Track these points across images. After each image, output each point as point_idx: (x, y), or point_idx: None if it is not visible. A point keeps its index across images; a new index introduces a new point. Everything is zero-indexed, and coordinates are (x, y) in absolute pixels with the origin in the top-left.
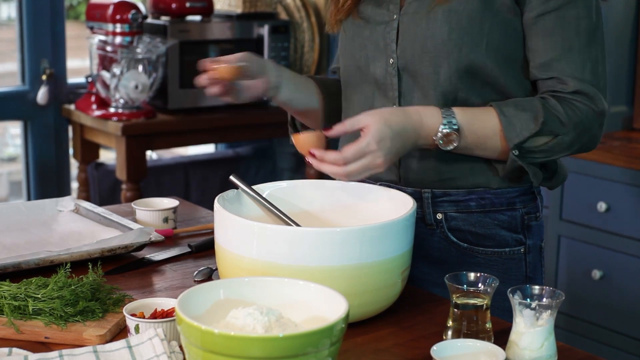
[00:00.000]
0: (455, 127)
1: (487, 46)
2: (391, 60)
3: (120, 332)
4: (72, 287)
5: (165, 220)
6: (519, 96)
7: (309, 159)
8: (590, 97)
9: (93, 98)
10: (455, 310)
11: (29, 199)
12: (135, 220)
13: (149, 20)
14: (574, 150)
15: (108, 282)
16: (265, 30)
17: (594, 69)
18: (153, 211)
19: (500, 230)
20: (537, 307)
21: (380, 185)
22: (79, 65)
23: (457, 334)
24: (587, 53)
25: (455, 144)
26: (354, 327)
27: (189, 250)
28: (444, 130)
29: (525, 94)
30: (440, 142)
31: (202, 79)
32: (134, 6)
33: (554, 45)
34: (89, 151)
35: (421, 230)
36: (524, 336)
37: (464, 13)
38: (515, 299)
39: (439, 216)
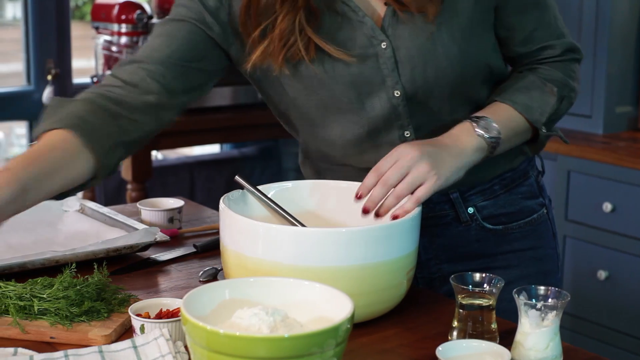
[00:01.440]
0: (483, 117)
1: (486, 45)
2: (397, 93)
3: (126, 332)
4: (78, 287)
5: (171, 220)
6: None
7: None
8: (574, 50)
9: None
10: (461, 310)
11: None
12: (140, 221)
13: (154, 20)
14: (573, 104)
15: (113, 282)
16: None
17: (562, 22)
18: (158, 211)
19: (525, 201)
20: (542, 308)
21: None
22: (84, 65)
23: (463, 335)
24: (553, 10)
25: (494, 126)
26: (359, 328)
27: (194, 250)
28: (479, 124)
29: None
30: (482, 131)
31: None
32: (139, 6)
33: (531, 16)
34: None
35: (457, 230)
36: (529, 337)
37: (463, 20)
38: (521, 300)
39: (471, 210)
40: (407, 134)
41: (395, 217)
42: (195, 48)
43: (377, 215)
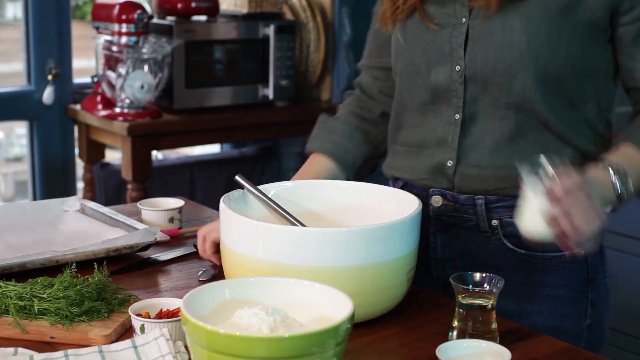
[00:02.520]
0: (623, 170)
1: (565, 57)
2: (457, 67)
3: (126, 332)
4: (78, 287)
5: (171, 220)
6: (593, 107)
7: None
8: None
9: (99, 98)
10: (461, 310)
11: (34, 198)
12: (140, 220)
13: (155, 20)
14: None
15: (113, 282)
16: (270, 31)
17: None
18: (158, 211)
19: None
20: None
21: (432, 191)
22: (84, 65)
23: (463, 335)
24: None
25: (630, 181)
26: (360, 327)
27: (195, 250)
28: (615, 174)
29: (602, 103)
30: (618, 182)
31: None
32: (139, 6)
33: None
34: (94, 151)
35: (476, 238)
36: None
37: (542, 23)
38: (525, 168)
39: (494, 222)
40: (458, 116)
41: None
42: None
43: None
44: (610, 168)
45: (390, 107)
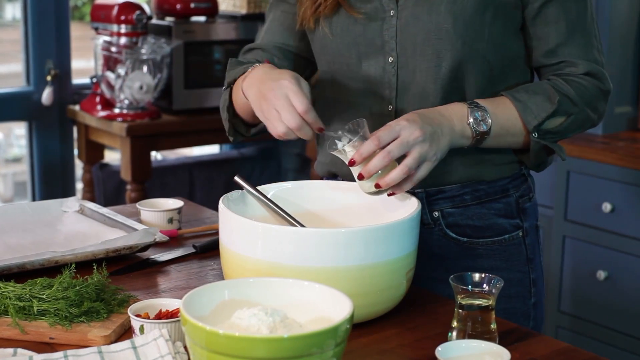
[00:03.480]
0: (483, 107)
1: (488, 37)
2: (390, 59)
3: (125, 332)
4: (77, 288)
5: (170, 220)
6: (515, 86)
7: (355, 170)
8: (598, 77)
9: (98, 99)
10: (460, 310)
11: (33, 199)
12: (140, 221)
13: (154, 20)
14: (584, 128)
15: (113, 282)
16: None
17: (598, 49)
18: (158, 212)
19: (498, 218)
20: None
21: None
22: (83, 66)
23: (462, 335)
24: (590, 34)
25: (489, 121)
26: (359, 328)
27: (194, 250)
28: (474, 113)
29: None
30: (473, 120)
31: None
32: (138, 7)
33: (559, 31)
34: (93, 152)
35: (420, 231)
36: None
37: (467, 3)
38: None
39: (436, 214)
40: (391, 107)
41: (392, 194)
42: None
43: (377, 186)
44: (467, 105)
45: None
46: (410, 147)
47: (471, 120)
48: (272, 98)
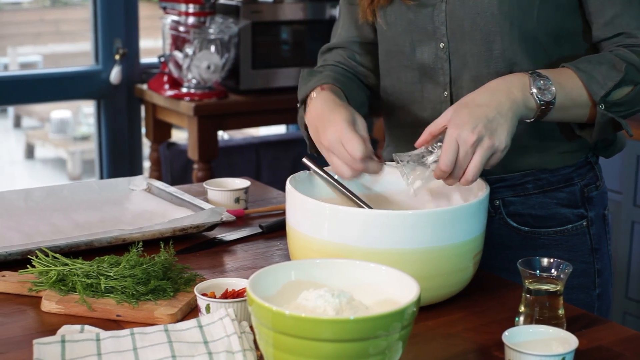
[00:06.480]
0: (545, 76)
1: (538, 18)
2: (442, 45)
3: (191, 311)
4: (144, 266)
5: (237, 200)
6: None
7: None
8: None
9: (165, 78)
10: (528, 295)
11: (101, 177)
12: (206, 200)
13: (222, 0)
14: None
15: (179, 261)
16: (337, 11)
17: None
18: (225, 191)
19: (561, 208)
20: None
21: None
22: (151, 45)
23: (529, 320)
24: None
25: (552, 89)
26: (425, 311)
27: (260, 230)
28: (537, 82)
29: None
30: (537, 90)
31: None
32: None
33: (614, 2)
34: (161, 131)
35: None
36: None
37: None
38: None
39: (497, 202)
40: (446, 94)
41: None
42: None
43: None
44: (529, 75)
45: (377, 79)
46: (473, 154)
47: (534, 90)
48: (328, 146)
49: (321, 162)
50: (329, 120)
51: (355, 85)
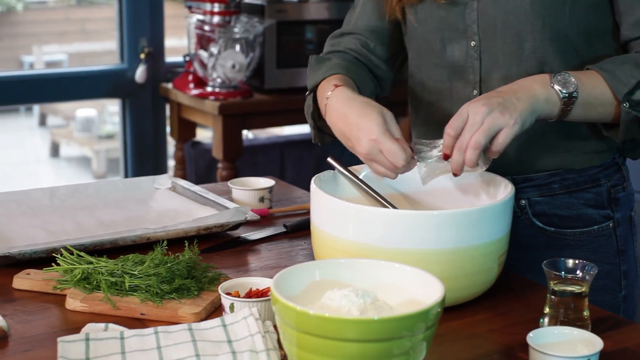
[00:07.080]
0: (565, 73)
1: (570, 17)
2: (473, 43)
3: (215, 310)
4: (168, 265)
5: (261, 199)
6: None
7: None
8: None
9: (190, 77)
10: (553, 297)
11: (126, 176)
12: (231, 199)
13: (247, 0)
14: None
15: (204, 260)
16: None
17: None
18: (249, 190)
19: (587, 209)
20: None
21: None
22: (176, 44)
23: (554, 321)
24: None
25: (572, 80)
26: (449, 312)
27: (284, 230)
28: (556, 77)
29: None
30: (557, 83)
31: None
32: None
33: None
34: (185, 130)
35: None
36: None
37: None
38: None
39: (523, 202)
40: (475, 92)
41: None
42: None
43: (455, 174)
44: (548, 74)
45: (387, 70)
46: (479, 125)
47: (555, 84)
48: (367, 155)
49: (345, 162)
50: (359, 128)
51: (365, 74)
